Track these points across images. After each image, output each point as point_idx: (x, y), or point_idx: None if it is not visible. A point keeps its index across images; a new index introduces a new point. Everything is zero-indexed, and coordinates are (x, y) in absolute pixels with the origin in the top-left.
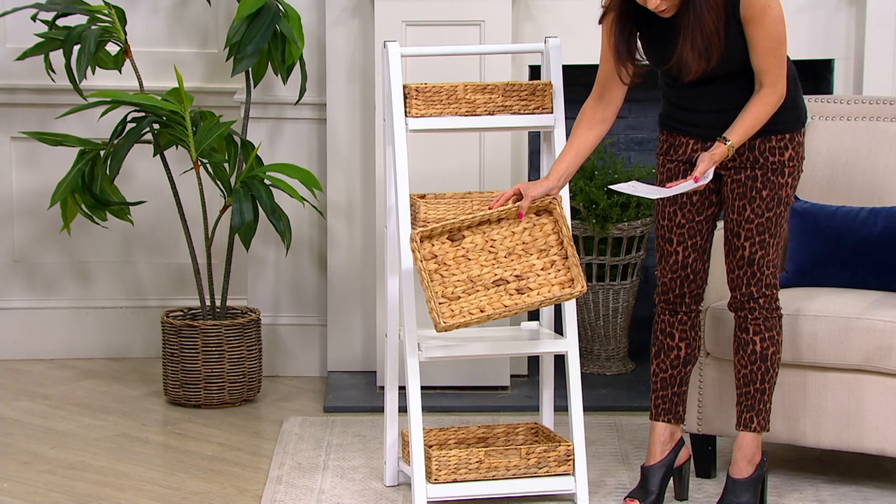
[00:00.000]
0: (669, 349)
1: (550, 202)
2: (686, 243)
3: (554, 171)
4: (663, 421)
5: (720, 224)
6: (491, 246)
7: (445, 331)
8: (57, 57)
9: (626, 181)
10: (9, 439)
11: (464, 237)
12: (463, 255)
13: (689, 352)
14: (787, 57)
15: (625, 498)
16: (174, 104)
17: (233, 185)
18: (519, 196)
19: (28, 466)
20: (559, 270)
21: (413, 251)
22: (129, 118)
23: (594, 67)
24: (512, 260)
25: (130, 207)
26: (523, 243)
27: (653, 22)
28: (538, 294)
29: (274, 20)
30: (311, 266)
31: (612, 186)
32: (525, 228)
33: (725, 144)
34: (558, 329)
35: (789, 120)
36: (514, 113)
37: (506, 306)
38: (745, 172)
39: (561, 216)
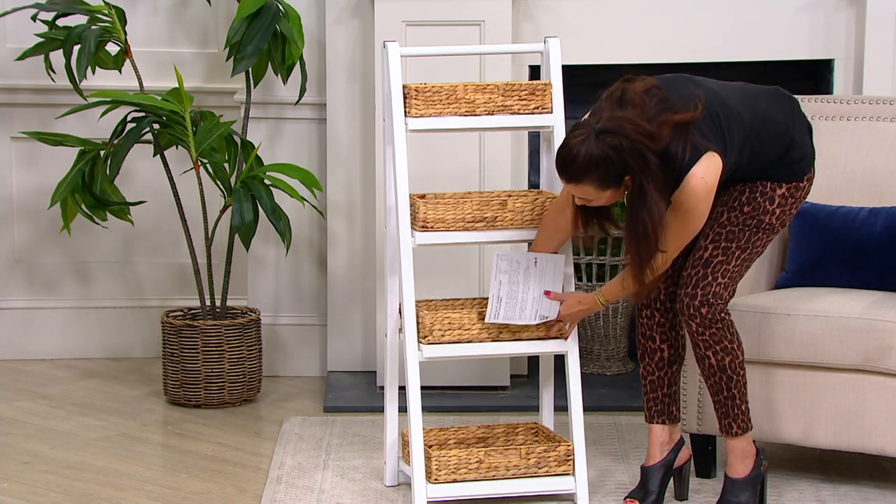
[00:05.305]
0: (653, 352)
1: None
2: None
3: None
4: (658, 423)
5: None
6: None
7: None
8: (57, 57)
9: None
10: (9, 439)
11: None
12: None
13: (673, 352)
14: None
15: (625, 498)
16: (174, 104)
17: (233, 185)
18: None
19: (28, 466)
20: None
21: None
22: (129, 118)
23: (594, 67)
24: None
25: (130, 207)
26: None
27: None
28: None
29: (274, 20)
30: (311, 266)
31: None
32: None
33: (598, 298)
34: None
35: (784, 174)
36: (513, 113)
37: None
38: (736, 185)
39: None
